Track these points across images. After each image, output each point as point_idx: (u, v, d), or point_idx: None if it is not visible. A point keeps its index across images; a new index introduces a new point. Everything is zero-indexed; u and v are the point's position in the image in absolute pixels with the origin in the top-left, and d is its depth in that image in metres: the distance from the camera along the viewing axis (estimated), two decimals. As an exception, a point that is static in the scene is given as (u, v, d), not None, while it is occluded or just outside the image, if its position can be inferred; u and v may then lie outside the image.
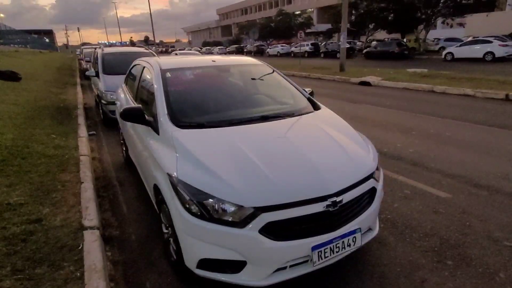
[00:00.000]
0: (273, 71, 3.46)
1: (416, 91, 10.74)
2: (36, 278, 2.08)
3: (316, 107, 3.02)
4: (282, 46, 41.47)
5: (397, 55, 25.34)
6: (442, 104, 8.34)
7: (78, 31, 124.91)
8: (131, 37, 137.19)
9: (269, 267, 1.90)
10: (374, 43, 29.80)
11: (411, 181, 3.82)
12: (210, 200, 1.87)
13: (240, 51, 48.44)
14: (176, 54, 21.67)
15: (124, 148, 4.51)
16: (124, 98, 3.94)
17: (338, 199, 1.98)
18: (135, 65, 4.08)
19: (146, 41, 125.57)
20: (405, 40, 29.56)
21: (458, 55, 21.46)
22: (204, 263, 1.96)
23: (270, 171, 1.99)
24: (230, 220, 1.85)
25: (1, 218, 2.70)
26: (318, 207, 1.92)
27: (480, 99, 8.92)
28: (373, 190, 2.28)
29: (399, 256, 2.49)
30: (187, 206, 1.93)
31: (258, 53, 43.34)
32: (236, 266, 1.92)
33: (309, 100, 3.14)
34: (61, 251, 2.40)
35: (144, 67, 3.43)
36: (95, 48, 16.52)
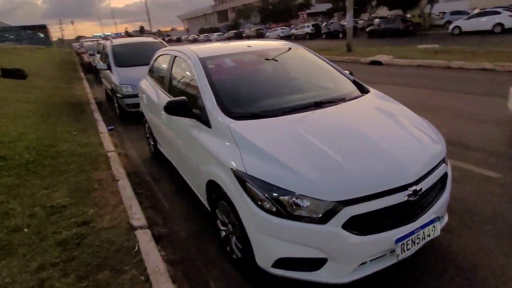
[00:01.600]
0: (309, 52, 3.28)
1: (431, 68, 10.47)
2: (102, 284, 2.00)
3: (365, 90, 2.86)
4: (282, 29, 40.68)
5: (402, 32, 24.72)
6: (463, 80, 8.12)
7: (72, 24, 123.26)
8: (126, 28, 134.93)
9: (352, 263, 1.80)
10: (377, 20, 29.13)
11: (455, 162, 3.68)
12: (287, 195, 1.75)
13: (239, 36, 47.64)
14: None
15: (151, 142, 4.39)
16: (153, 91, 3.78)
17: (417, 187, 1.86)
18: (161, 55, 3.90)
19: (142, 31, 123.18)
20: (408, 16, 28.84)
21: (466, 29, 20.93)
22: (280, 262, 1.86)
23: (345, 161, 1.86)
24: (310, 216, 1.74)
25: (49, 222, 2.61)
26: (399, 197, 1.81)
27: (500, 72, 8.67)
28: (444, 176, 2.16)
29: (468, 243, 2.39)
30: (260, 203, 1.81)
31: (258, 37, 42.56)
32: (316, 263, 1.82)
33: (355, 82, 2.98)
34: (118, 254, 2.31)
35: (175, 57, 3.26)
36: (98, 41, 16.25)
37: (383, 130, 2.19)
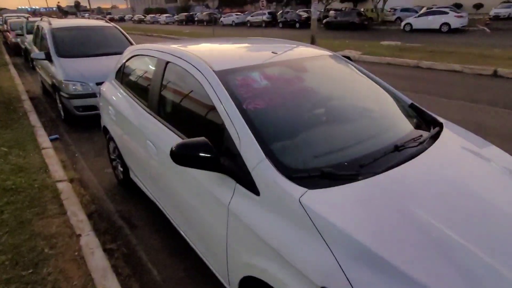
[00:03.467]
0: (346, 62, 2.52)
1: (401, 66, 10.39)
2: None
3: (430, 119, 2.18)
4: (237, 15, 39.19)
5: (357, 26, 25.20)
6: (439, 82, 8.03)
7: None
8: (58, 2, 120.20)
9: None
10: (332, 12, 29.31)
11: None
12: None
13: (190, 20, 45.09)
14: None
15: (120, 168, 3.30)
16: (127, 105, 2.70)
17: None
18: (138, 55, 2.82)
19: (77, 7, 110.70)
20: (362, 10, 29.49)
21: (417, 26, 21.84)
22: None
23: (506, 269, 1.15)
24: None
25: None
26: None
27: (469, 75, 8.78)
28: None
29: None
30: None
31: (211, 22, 40.60)
32: None
33: (413, 107, 2.28)
34: None
35: (167, 63, 2.25)
36: (27, 18, 13.64)
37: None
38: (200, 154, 1.56)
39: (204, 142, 1.58)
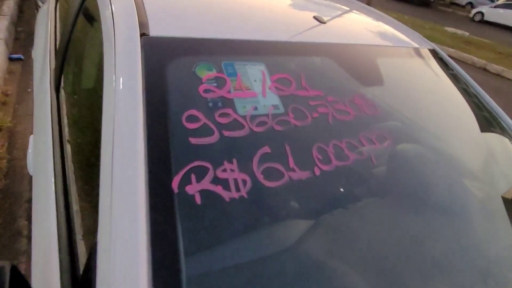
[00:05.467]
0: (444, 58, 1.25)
1: (465, 64, 8.62)
2: None
3: None
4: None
5: (420, 1, 22.15)
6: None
7: None
8: None
9: None
10: (397, -21, 25.66)
11: None
12: None
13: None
14: None
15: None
16: (42, 57, 1.57)
17: None
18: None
19: None
20: (432, -17, 25.73)
21: (489, 18, 18.87)
22: None
23: None
24: None
25: None
26: None
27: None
28: None
29: None
30: None
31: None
32: None
33: None
34: None
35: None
36: None
37: None
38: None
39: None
